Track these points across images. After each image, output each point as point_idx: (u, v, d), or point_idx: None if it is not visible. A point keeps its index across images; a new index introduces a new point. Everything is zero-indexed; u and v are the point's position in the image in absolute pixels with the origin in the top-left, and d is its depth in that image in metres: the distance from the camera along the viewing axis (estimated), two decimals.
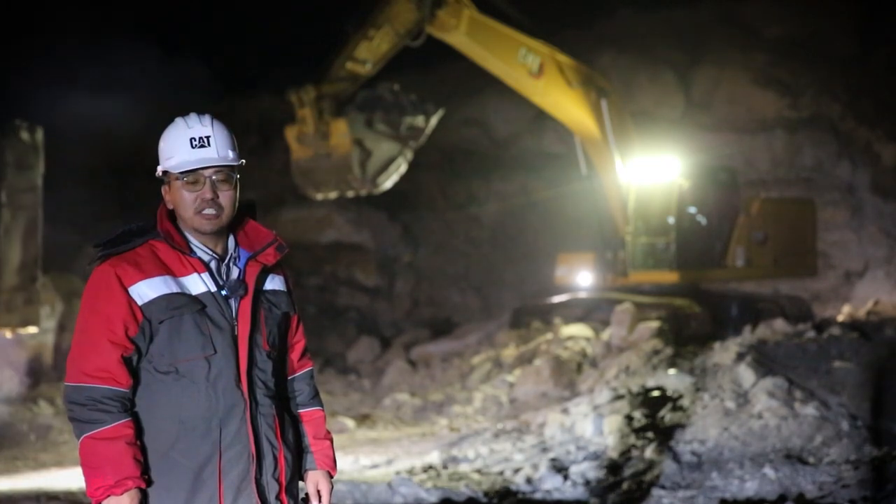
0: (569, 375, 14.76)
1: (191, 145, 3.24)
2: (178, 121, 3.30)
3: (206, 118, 3.30)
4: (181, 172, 3.24)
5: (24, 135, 10.13)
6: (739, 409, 10.76)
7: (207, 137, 3.26)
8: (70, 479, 10.04)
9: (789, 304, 18.69)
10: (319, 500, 3.46)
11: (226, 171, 3.28)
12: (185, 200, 3.25)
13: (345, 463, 10.58)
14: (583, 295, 18.08)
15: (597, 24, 27.03)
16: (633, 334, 15.42)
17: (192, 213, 3.24)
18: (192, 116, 3.30)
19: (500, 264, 24.42)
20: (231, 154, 3.29)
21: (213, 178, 3.25)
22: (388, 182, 15.88)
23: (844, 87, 24.79)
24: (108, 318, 3.14)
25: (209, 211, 3.24)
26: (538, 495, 8.95)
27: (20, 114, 10.46)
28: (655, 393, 11.91)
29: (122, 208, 20.12)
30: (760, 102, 24.76)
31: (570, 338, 16.01)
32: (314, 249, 23.58)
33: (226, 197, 3.26)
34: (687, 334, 15.62)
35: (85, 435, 3.10)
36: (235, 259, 3.32)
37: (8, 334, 10.68)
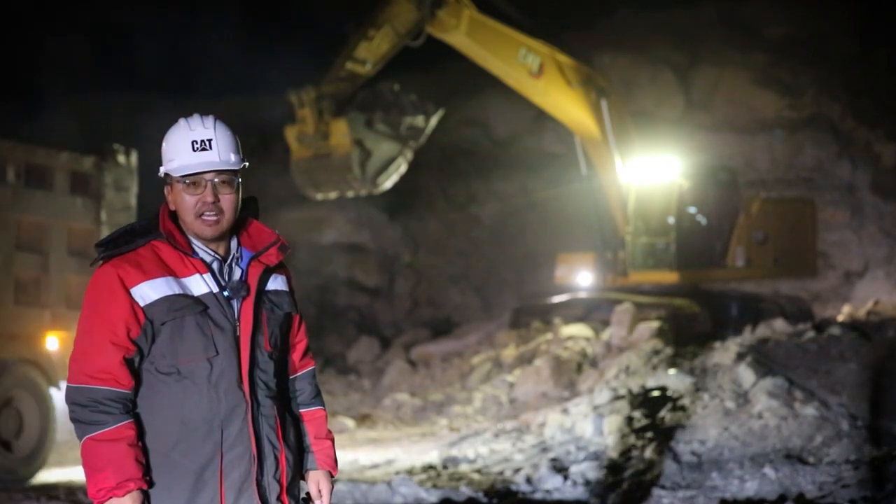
0: (569, 375, 14.77)
1: (192, 148, 3.22)
2: (181, 122, 3.28)
3: (209, 120, 3.26)
4: (182, 176, 3.23)
5: (121, 158, 10.74)
6: (739, 409, 10.77)
7: (209, 140, 3.23)
8: (70, 477, 10.06)
9: (789, 304, 18.70)
10: (320, 500, 3.46)
11: (227, 174, 3.25)
12: (185, 203, 3.23)
13: (345, 463, 10.59)
14: (583, 295, 18.08)
15: (597, 24, 27.01)
16: (633, 334, 15.43)
17: (192, 217, 3.23)
18: (195, 118, 3.27)
19: (500, 264, 24.42)
20: (233, 157, 3.26)
21: (215, 181, 3.23)
22: (388, 182, 15.88)
23: (844, 87, 24.78)
24: (110, 320, 3.13)
25: (209, 215, 3.22)
26: (538, 495, 8.95)
27: (117, 138, 11.05)
28: (655, 393, 11.92)
29: None
30: (760, 102, 24.75)
31: (570, 338, 16.02)
32: (314, 249, 23.57)
33: (227, 200, 3.24)
34: (687, 334, 15.62)
35: (87, 436, 3.09)
36: (238, 259, 3.31)
37: None
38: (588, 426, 11.02)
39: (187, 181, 3.23)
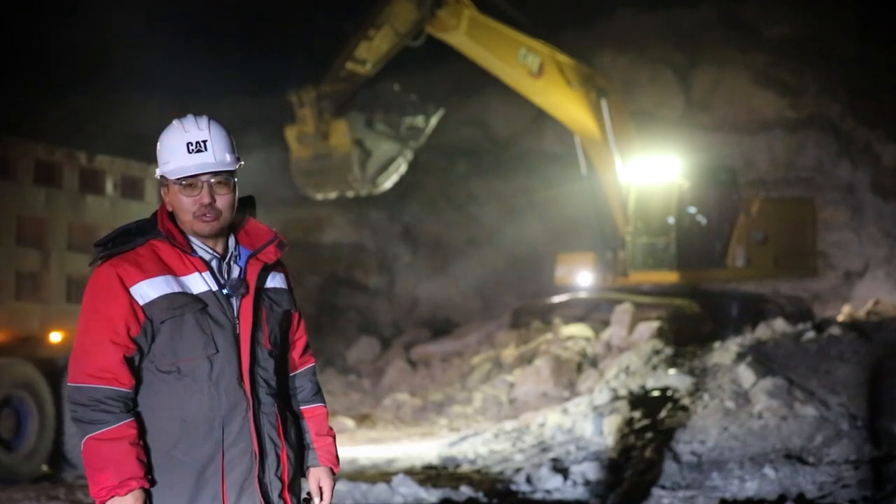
0: (569, 375, 14.77)
1: (188, 150, 3.22)
2: (175, 123, 3.27)
3: (204, 121, 3.26)
4: (178, 178, 3.23)
5: None
6: (739, 409, 10.77)
7: (204, 142, 3.22)
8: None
9: (789, 304, 18.70)
10: (321, 497, 3.46)
11: (223, 174, 3.25)
12: (182, 204, 3.23)
13: (344, 463, 10.58)
14: (583, 295, 18.08)
15: (597, 24, 27.01)
16: (633, 334, 15.43)
17: (189, 217, 3.23)
18: (189, 119, 3.26)
19: (500, 264, 24.40)
20: (228, 158, 3.26)
21: (211, 182, 3.23)
22: (388, 182, 15.88)
23: (844, 87, 24.78)
24: (109, 319, 3.13)
25: (207, 215, 3.22)
26: (538, 495, 8.96)
27: None
28: (655, 393, 11.92)
29: None
30: (760, 102, 24.75)
31: (570, 338, 16.02)
32: (314, 249, 23.56)
33: (223, 200, 3.24)
34: (687, 334, 15.62)
35: (88, 436, 3.09)
36: (236, 257, 3.31)
37: None
38: (588, 426, 11.02)
39: (183, 183, 3.23)
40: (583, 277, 18.63)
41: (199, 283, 3.22)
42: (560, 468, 9.61)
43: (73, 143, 11.07)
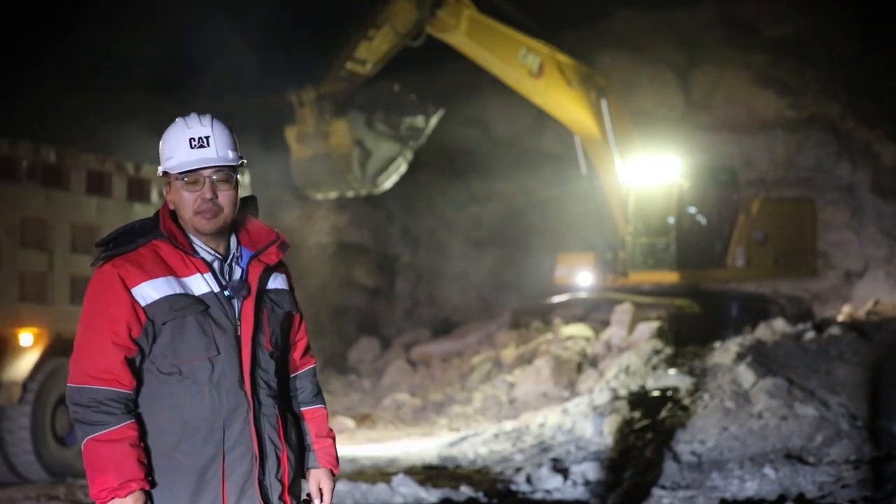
0: (569, 375, 14.77)
1: (190, 146, 3.23)
2: (178, 121, 3.29)
3: (206, 118, 3.28)
4: (180, 173, 3.24)
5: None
6: (739, 409, 10.77)
7: (206, 137, 3.24)
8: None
9: (789, 304, 18.70)
10: (321, 499, 3.46)
11: (225, 171, 3.26)
12: (184, 200, 3.24)
13: (344, 463, 10.59)
14: (583, 295, 18.08)
15: (597, 24, 26.99)
16: (633, 334, 15.43)
17: (191, 214, 3.24)
18: (192, 116, 3.28)
19: (500, 264, 24.41)
20: (230, 154, 3.28)
21: (213, 178, 3.24)
22: (388, 182, 15.89)
23: (844, 87, 24.77)
24: (111, 320, 3.14)
25: (208, 211, 3.23)
26: (538, 495, 8.96)
27: None
28: (655, 393, 11.92)
29: None
30: (760, 102, 24.73)
31: (570, 338, 16.02)
32: (314, 249, 23.56)
33: (225, 197, 3.26)
34: (687, 334, 15.62)
35: (89, 437, 3.10)
36: (238, 259, 3.32)
37: None
38: (588, 426, 11.02)
39: (186, 178, 3.24)
40: (583, 277, 18.63)
41: (200, 284, 3.22)
42: (560, 468, 9.61)
43: (73, 143, 11.16)
